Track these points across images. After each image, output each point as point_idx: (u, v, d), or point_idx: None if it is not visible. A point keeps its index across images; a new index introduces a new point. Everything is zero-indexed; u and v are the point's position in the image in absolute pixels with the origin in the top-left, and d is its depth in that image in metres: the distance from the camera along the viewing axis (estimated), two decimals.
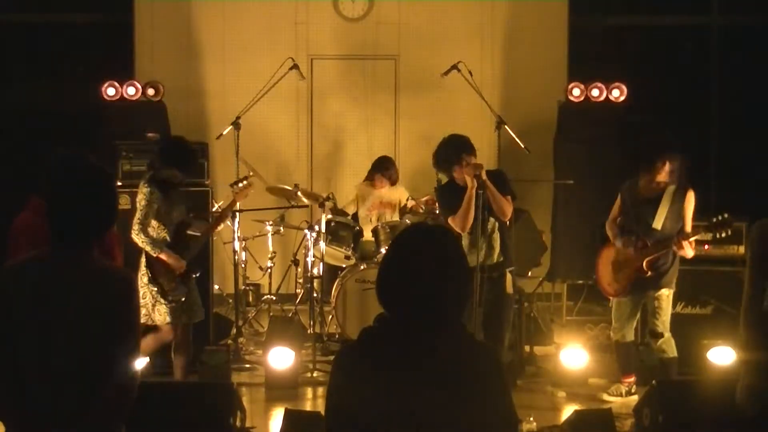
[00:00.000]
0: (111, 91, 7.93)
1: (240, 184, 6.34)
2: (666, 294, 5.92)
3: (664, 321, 5.93)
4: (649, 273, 5.83)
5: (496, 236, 5.75)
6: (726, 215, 5.53)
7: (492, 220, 5.68)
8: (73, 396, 2.91)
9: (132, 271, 4.70)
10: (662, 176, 5.77)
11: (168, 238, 5.59)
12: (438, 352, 2.49)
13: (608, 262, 6.12)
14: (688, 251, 5.72)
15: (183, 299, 5.63)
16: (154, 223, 5.54)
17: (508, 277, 5.85)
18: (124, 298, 2.95)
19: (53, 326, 2.90)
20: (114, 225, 3.25)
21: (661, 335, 5.93)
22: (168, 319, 5.59)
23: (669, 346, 5.94)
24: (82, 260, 2.98)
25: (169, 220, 5.60)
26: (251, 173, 7.10)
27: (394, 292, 2.56)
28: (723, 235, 5.60)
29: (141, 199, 5.53)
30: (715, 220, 5.55)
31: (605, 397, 6.17)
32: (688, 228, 5.80)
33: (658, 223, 5.80)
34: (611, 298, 6.18)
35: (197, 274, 5.79)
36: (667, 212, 5.79)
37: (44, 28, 9.22)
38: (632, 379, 6.18)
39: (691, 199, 5.82)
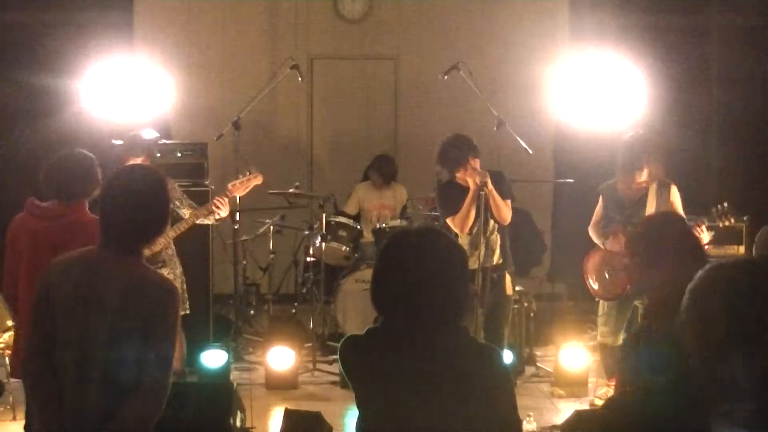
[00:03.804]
0: None
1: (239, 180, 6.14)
2: None
3: None
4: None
5: (495, 237, 5.75)
6: (725, 204, 5.54)
7: (492, 221, 5.68)
8: (107, 397, 2.91)
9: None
10: (643, 177, 5.69)
11: None
12: (435, 355, 2.47)
13: (600, 268, 5.94)
14: (705, 235, 5.55)
15: None
16: None
17: (508, 278, 5.84)
18: (164, 307, 2.93)
19: (91, 326, 2.91)
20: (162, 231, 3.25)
21: None
22: None
23: None
24: (127, 264, 2.98)
25: None
26: (250, 173, 7.09)
27: (387, 297, 2.56)
28: (726, 224, 5.63)
29: None
30: (714, 210, 5.55)
31: (595, 401, 6.09)
32: None
33: None
34: (609, 300, 6.07)
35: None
36: (655, 210, 5.70)
37: (44, 28, 9.20)
38: None
39: (676, 194, 5.78)
